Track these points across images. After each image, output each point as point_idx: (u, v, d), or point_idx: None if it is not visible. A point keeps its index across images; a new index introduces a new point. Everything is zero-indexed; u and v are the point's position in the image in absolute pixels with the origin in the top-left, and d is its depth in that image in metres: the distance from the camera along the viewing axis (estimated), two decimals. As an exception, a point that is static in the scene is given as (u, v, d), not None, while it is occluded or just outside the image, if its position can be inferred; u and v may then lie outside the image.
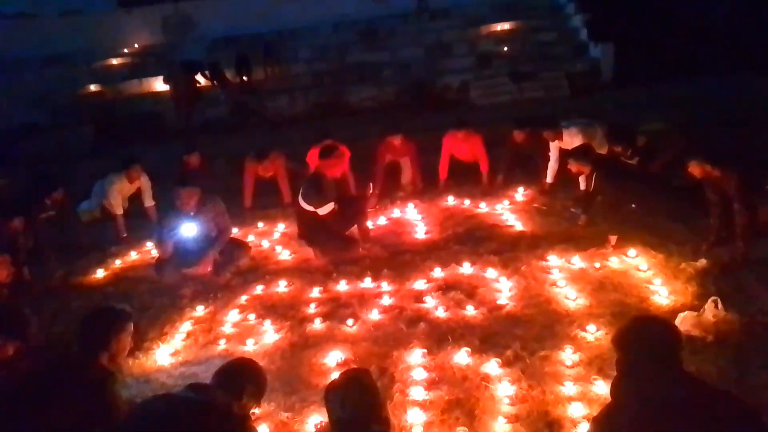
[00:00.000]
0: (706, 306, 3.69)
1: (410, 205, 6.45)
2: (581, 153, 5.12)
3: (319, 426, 3.04)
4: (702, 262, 4.37)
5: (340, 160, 5.14)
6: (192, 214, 4.92)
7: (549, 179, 6.43)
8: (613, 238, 4.82)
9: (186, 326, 4.33)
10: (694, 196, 4.91)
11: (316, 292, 4.65)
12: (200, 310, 4.53)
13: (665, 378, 1.98)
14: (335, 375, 3.44)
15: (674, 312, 3.72)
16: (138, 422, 2.25)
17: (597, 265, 4.59)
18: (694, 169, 4.38)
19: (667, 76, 11.05)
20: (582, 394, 3.10)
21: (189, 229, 4.98)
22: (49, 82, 13.63)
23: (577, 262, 4.67)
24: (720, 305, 3.66)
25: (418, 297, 4.37)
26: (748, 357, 3.22)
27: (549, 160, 6.46)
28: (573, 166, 5.12)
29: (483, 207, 6.24)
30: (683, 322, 3.57)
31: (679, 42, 12.43)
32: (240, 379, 2.45)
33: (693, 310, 3.70)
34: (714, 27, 13.31)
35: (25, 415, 2.44)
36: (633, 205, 5.28)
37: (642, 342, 2.08)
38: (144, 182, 6.61)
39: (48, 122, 12.18)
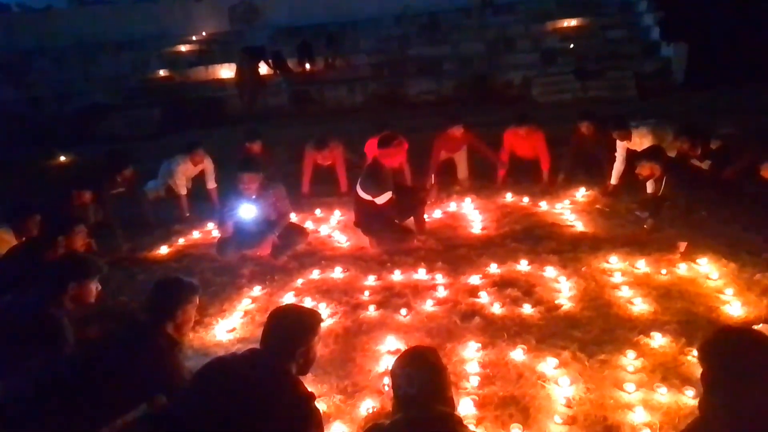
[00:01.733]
0: (782, 320, 3.48)
1: (467, 200, 6.38)
2: (653, 154, 4.90)
3: (371, 410, 3.06)
4: (778, 274, 4.12)
5: (399, 149, 5.13)
6: (253, 197, 5.04)
7: (614, 180, 6.21)
8: (682, 245, 4.61)
9: (244, 304, 4.43)
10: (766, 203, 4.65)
11: (370, 280, 4.67)
12: (257, 291, 4.64)
13: (758, 393, 1.85)
14: (389, 361, 3.50)
15: (746, 325, 3.52)
16: (203, 382, 2.31)
17: (663, 271, 4.40)
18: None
19: (743, 80, 10.46)
20: (644, 401, 2.98)
21: (248, 212, 5.12)
22: (122, 65, 14.29)
23: (642, 266, 4.49)
24: (798, 320, 3.45)
25: (473, 292, 4.32)
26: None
27: (614, 160, 6.25)
28: (644, 168, 4.91)
29: (542, 205, 6.10)
30: (757, 335, 3.37)
31: (757, 44, 11.73)
32: (294, 341, 2.39)
33: (767, 324, 3.51)
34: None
35: (93, 381, 2.56)
36: (704, 212, 5.04)
37: (735, 357, 1.94)
38: (207, 165, 6.82)
39: (120, 104, 12.75)
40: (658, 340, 3.49)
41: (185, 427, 2.16)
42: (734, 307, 3.82)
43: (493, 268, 4.65)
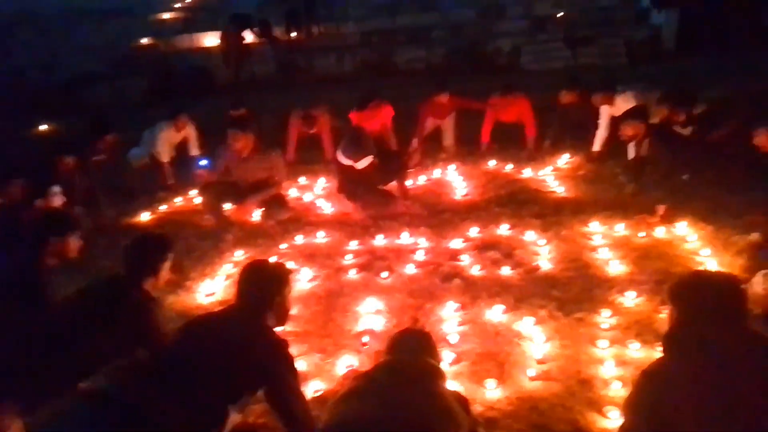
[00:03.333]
0: (754, 279, 3.52)
1: (451, 167, 6.37)
2: (637, 113, 4.89)
3: (350, 368, 3.11)
4: (754, 236, 4.16)
5: (376, 111, 5.10)
6: (243, 156, 5.03)
7: (597, 147, 6.20)
8: (661, 208, 4.64)
9: (226, 269, 4.45)
10: (754, 167, 4.67)
11: (353, 244, 4.70)
12: (240, 255, 4.65)
13: (727, 333, 1.87)
14: (368, 321, 3.55)
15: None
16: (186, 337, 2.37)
17: (642, 233, 4.45)
18: (761, 138, 4.13)
19: (734, 46, 10.39)
20: (616, 356, 3.05)
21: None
22: (107, 33, 13.96)
23: (621, 229, 4.54)
24: (772, 278, 3.50)
25: (455, 255, 4.36)
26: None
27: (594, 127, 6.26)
28: (627, 128, 4.88)
29: (526, 172, 6.10)
30: (729, 293, 3.43)
31: (749, 10, 11.62)
32: (269, 292, 2.47)
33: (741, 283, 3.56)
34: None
35: (73, 335, 2.58)
36: (686, 176, 5.05)
37: (704, 295, 1.97)
38: (191, 132, 6.76)
39: (105, 73, 12.52)
40: (633, 299, 3.55)
41: (166, 376, 2.20)
42: (710, 267, 3.87)
43: (475, 232, 4.68)
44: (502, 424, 2.65)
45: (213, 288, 4.19)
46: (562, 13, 12.76)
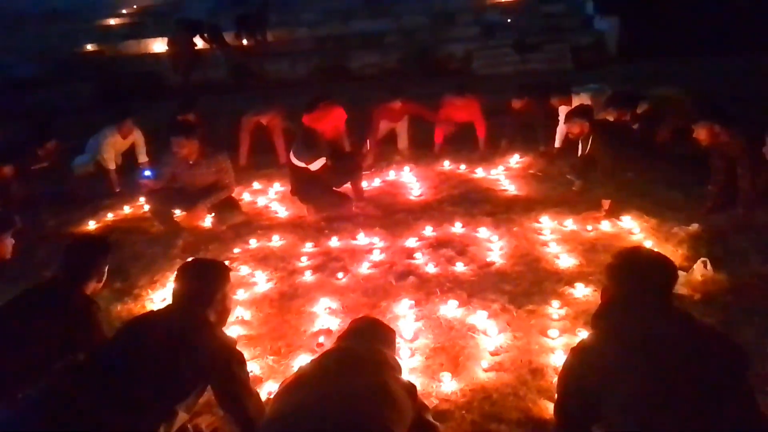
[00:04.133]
0: (695, 266, 3.70)
1: (406, 168, 6.42)
2: (582, 112, 5.05)
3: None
4: (694, 227, 4.36)
5: (327, 112, 5.08)
6: (190, 162, 4.91)
7: (557, 144, 6.37)
8: (606, 203, 4.80)
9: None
10: (696, 164, 4.89)
11: (308, 246, 4.66)
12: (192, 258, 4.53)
13: (654, 310, 1.95)
14: (323, 321, 3.52)
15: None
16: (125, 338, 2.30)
17: (589, 228, 4.58)
18: (701, 132, 4.31)
19: (672, 52, 10.88)
20: (566, 345, 3.10)
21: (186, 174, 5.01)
22: (49, 38, 13.46)
23: (570, 224, 4.67)
24: (709, 266, 3.67)
25: (409, 254, 4.38)
26: (734, 315, 3.23)
27: (548, 128, 6.45)
28: (574, 126, 5.04)
29: (479, 172, 6.21)
30: (671, 281, 3.57)
31: (686, 18, 12.23)
32: (208, 288, 2.41)
33: (682, 271, 3.71)
34: (725, 5, 13.07)
35: (9, 341, 2.46)
36: (629, 174, 5.25)
37: (635, 272, 2.04)
38: (137, 137, 6.59)
39: (46, 78, 12.05)
40: (581, 290, 3.65)
41: (106, 376, 2.13)
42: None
43: (429, 231, 4.72)
44: (456, 415, 2.66)
45: (163, 295, 4.06)
46: (510, 20, 13.10)
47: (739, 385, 1.81)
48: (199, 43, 12.15)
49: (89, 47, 13.55)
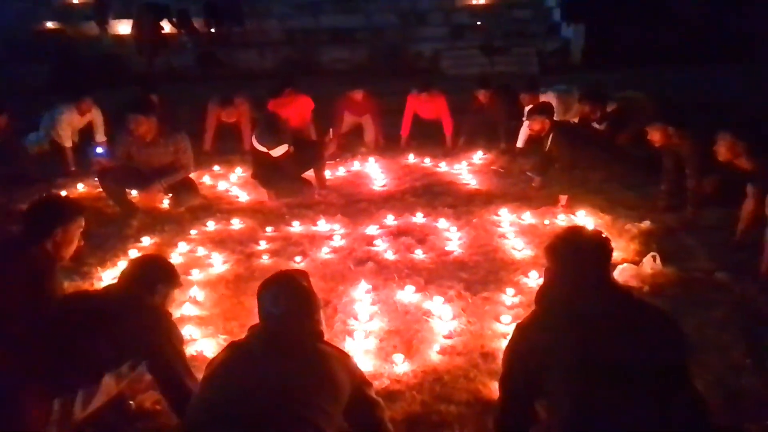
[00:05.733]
0: (644, 260, 3.81)
1: (371, 160, 6.42)
2: (543, 109, 5.16)
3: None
4: (646, 224, 4.50)
5: (292, 98, 5.03)
6: (147, 141, 4.78)
7: (520, 144, 6.47)
8: (563, 198, 4.91)
9: (132, 255, 4.20)
10: (651, 166, 5.04)
11: (268, 231, 4.61)
12: (146, 241, 4.43)
13: (591, 286, 2.00)
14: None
15: (614, 265, 3.82)
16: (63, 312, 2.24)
17: (546, 222, 4.67)
18: (655, 134, 4.47)
19: (634, 62, 11.22)
20: (518, 330, 3.16)
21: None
22: (5, 15, 12.92)
23: (528, 218, 4.75)
24: (658, 260, 3.80)
25: (369, 241, 4.38)
26: (680, 306, 3.32)
27: (511, 126, 6.56)
28: (534, 123, 5.15)
29: (442, 166, 6.27)
30: (622, 273, 3.68)
31: (648, 30, 12.64)
32: (151, 275, 2.45)
33: (633, 264, 3.83)
34: (683, 18, 13.57)
35: None
36: (588, 172, 5.38)
37: (572, 250, 2.09)
38: (96, 116, 6.40)
39: (2, 56, 11.58)
40: (536, 279, 3.71)
41: (38, 334, 2.12)
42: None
43: (391, 220, 4.73)
44: (406, 396, 2.66)
45: (116, 274, 3.93)
46: (480, 22, 13.28)
47: (675, 359, 1.87)
48: (167, 27, 11.88)
49: (49, 25, 13.08)
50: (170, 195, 4.99)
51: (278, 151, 4.86)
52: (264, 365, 1.89)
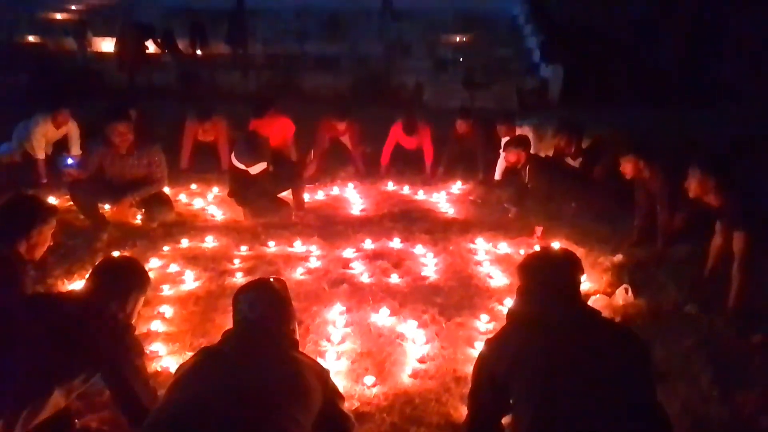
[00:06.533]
0: (617, 292, 3.86)
1: (350, 185, 6.43)
2: (519, 141, 5.26)
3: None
4: (618, 257, 4.56)
5: (274, 119, 5.05)
6: (122, 153, 4.72)
7: (497, 176, 6.54)
8: (539, 229, 4.97)
9: (99, 268, 4.10)
10: (623, 201, 5.14)
11: (242, 250, 4.55)
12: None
13: (558, 301, 2.02)
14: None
15: (587, 296, 3.86)
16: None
17: (522, 251, 4.70)
18: (627, 165, 4.56)
19: (610, 103, 11.58)
20: (491, 356, 3.15)
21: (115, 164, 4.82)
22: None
23: (504, 247, 4.78)
24: (630, 292, 3.85)
25: (345, 263, 4.35)
26: (650, 336, 3.35)
27: (488, 158, 6.66)
28: (510, 155, 5.24)
29: (421, 194, 6.30)
30: (594, 303, 3.71)
31: (624, 73, 13.11)
32: (125, 283, 2.32)
33: (605, 296, 3.88)
34: (657, 63, 14.13)
35: None
36: (573, 204, 5.47)
37: (541, 269, 2.12)
38: (72, 129, 6.31)
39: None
40: (510, 306, 3.70)
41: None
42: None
43: (368, 244, 4.72)
44: (376, 418, 2.61)
45: (80, 285, 3.82)
46: (462, 58, 13.62)
47: (639, 371, 1.88)
48: (151, 47, 11.90)
49: (30, 38, 12.99)
50: (143, 209, 4.90)
51: (256, 169, 4.84)
52: (235, 370, 1.84)
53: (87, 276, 2.41)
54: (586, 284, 4.14)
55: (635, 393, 1.83)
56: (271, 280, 2.27)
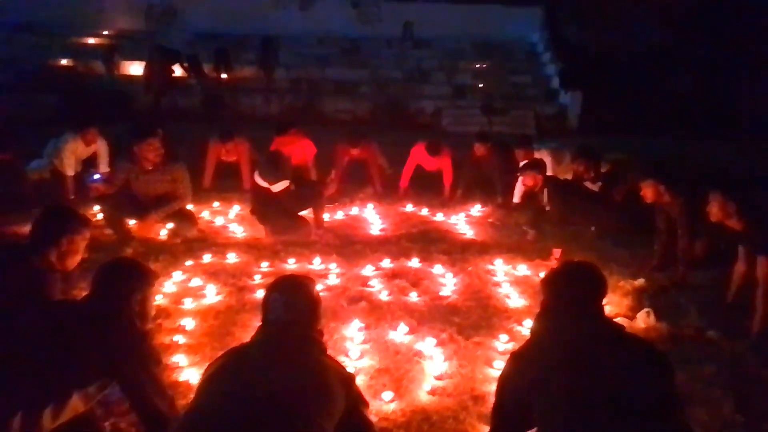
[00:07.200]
0: (639, 315, 3.84)
1: (369, 206, 6.49)
2: (535, 165, 5.29)
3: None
4: (640, 281, 4.52)
5: (296, 139, 5.16)
6: (148, 169, 4.85)
7: (516, 199, 6.54)
8: (557, 251, 4.95)
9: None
10: (643, 225, 5.12)
11: (262, 266, 4.61)
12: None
13: (583, 316, 2.02)
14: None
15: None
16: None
17: (541, 273, 4.68)
18: (647, 190, 4.55)
19: (628, 130, 11.58)
20: (510, 376, 3.13)
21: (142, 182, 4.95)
22: (19, 48, 13.31)
23: (522, 269, 4.77)
24: (652, 316, 3.81)
25: (364, 281, 4.38)
26: (671, 361, 3.32)
27: (507, 181, 6.68)
28: (527, 179, 5.27)
29: (439, 216, 6.34)
30: (615, 326, 3.67)
31: (642, 100, 13.14)
32: (127, 283, 2.30)
33: (627, 319, 3.84)
34: (676, 92, 14.13)
35: None
36: (592, 228, 5.46)
37: (565, 281, 2.13)
38: (101, 147, 6.47)
39: (11, 84, 11.83)
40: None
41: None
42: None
43: (386, 263, 4.74)
44: (394, 434, 2.61)
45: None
46: (482, 85, 13.78)
47: (664, 388, 1.87)
48: (178, 71, 12.26)
49: (63, 62, 13.46)
50: (168, 225, 5.00)
51: (278, 187, 4.93)
52: (261, 374, 1.87)
53: (91, 279, 2.34)
54: (606, 308, 4.10)
55: (661, 411, 1.81)
56: (302, 276, 2.30)
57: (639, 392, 1.83)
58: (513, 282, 4.51)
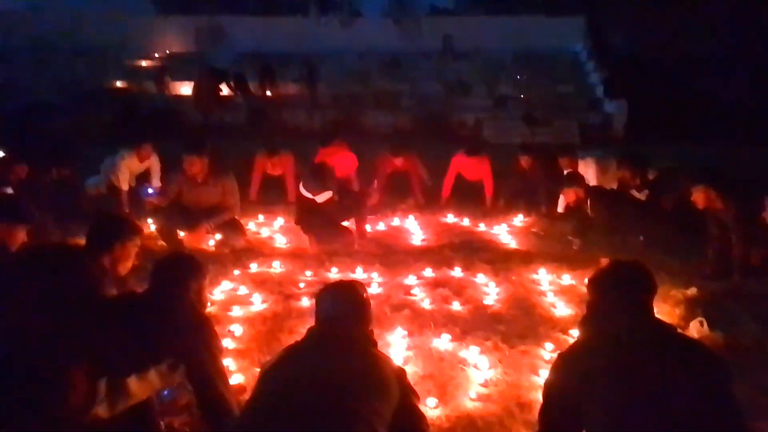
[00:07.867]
0: (691, 324, 3.71)
1: (410, 217, 6.52)
2: (572, 179, 5.24)
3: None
4: (692, 291, 4.38)
5: (340, 149, 5.26)
6: (198, 181, 5.04)
7: (560, 209, 6.45)
8: (604, 261, 4.83)
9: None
10: (694, 233, 4.96)
11: (307, 275, 4.70)
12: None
13: (630, 317, 1.99)
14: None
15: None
16: None
17: (587, 282, 4.60)
18: (698, 195, 4.42)
19: (675, 138, 11.23)
20: (556, 384, 3.08)
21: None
22: (77, 71, 14.08)
23: (567, 279, 4.69)
24: (705, 325, 3.68)
25: (407, 290, 4.40)
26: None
27: (551, 191, 6.58)
28: (568, 194, 5.22)
29: (481, 226, 6.30)
30: (666, 335, 3.57)
31: (690, 110, 12.74)
32: (182, 273, 2.47)
33: (679, 328, 3.72)
34: (726, 100, 13.65)
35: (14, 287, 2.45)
36: (641, 237, 5.33)
37: (613, 280, 2.10)
38: (154, 163, 6.75)
39: (69, 106, 12.50)
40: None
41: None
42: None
43: (429, 272, 4.75)
44: (439, 439, 2.61)
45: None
46: (523, 95, 13.68)
47: (718, 392, 1.81)
48: (225, 90, 12.70)
49: (118, 84, 14.14)
50: (217, 236, 5.17)
51: (322, 198, 5.03)
52: (318, 363, 1.93)
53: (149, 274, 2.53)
54: (658, 316, 3.99)
55: (717, 412, 1.76)
56: (352, 280, 2.38)
57: (691, 394, 1.78)
58: (558, 291, 4.44)
